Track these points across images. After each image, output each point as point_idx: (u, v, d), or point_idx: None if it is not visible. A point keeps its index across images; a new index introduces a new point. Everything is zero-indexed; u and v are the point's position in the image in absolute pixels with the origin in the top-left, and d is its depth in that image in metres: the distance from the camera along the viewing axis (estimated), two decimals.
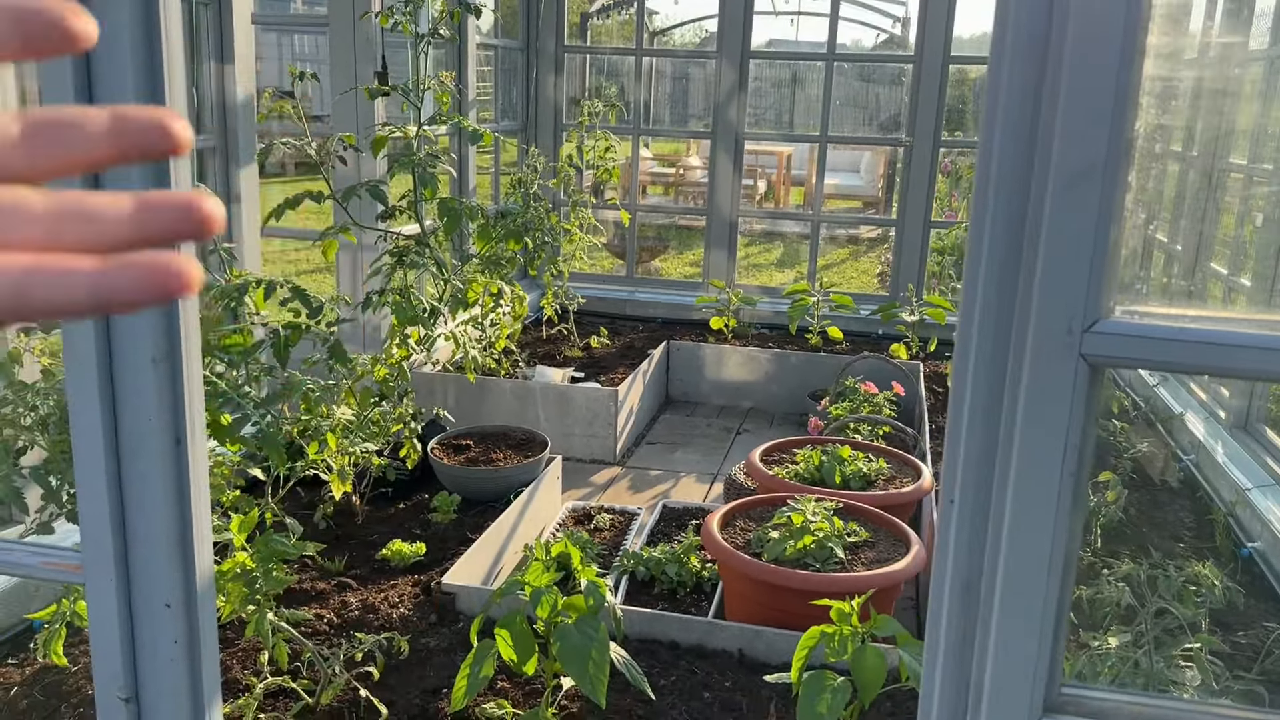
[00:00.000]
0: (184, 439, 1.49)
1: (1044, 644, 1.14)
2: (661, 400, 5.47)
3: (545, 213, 4.89)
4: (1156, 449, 4.20)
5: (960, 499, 1.14)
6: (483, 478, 3.59)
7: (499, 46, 5.88)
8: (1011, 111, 1.03)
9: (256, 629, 1.94)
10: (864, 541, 2.88)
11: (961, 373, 1.09)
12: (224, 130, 3.54)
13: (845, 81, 14.26)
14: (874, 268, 9.95)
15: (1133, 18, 0.98)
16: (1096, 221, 1.01)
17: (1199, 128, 5.15)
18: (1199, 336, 1.02)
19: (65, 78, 1.29)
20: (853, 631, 1.93)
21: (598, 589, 2.09)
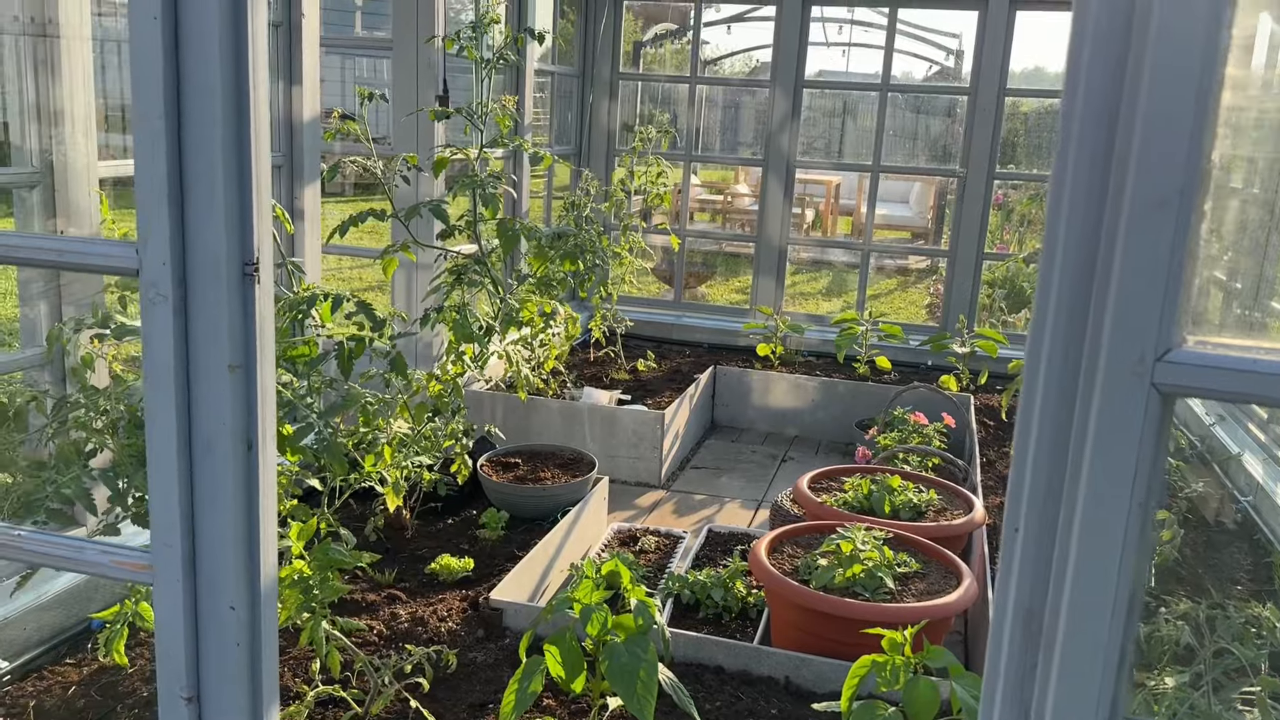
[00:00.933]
0: (255, 444, 1.52)
1: (1107, 677, 1.13)
2: (707, 425, 5.47)
3: (597, 236, 4.93)
4: (1213, 489, 4.12)
5: (1025, 527, 1.14)
6: (530, 496, 3.61)
7: (555, 73, 5.96)
8: (1086, 137, 1.03)
9: (311, 636, 1.97)
10: (914, 573, 2.85)
11: (1030, 399, 1.09)
12: (290, 148, 3.62)
13: (897, 112, 14.25)
14: (922, 299, 9.89)
15: (1212, 44, 0.99)
16: (1171, 250, 1.01)
17: (1259, 162, 5.08)
18: (1270, 368, 1.02)
19: (157, 86, 1.33)
20: (905, 662, 1.92)
21: (647, 609, 2.09)
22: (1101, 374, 1.05)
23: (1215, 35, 0.99)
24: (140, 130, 1.33)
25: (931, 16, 12.41)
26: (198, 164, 1.39)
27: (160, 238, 1.39)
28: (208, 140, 1.38)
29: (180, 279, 1.43)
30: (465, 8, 3.48)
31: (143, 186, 1.37)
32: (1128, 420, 1.05)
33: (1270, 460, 4.24)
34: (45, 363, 2.78)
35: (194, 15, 1.34)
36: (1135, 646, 2.18)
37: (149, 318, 1.43)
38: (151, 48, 1.33)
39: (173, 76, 1.37)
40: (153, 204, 1.38)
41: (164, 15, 1.32)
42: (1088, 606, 1.11)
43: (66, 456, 2.10)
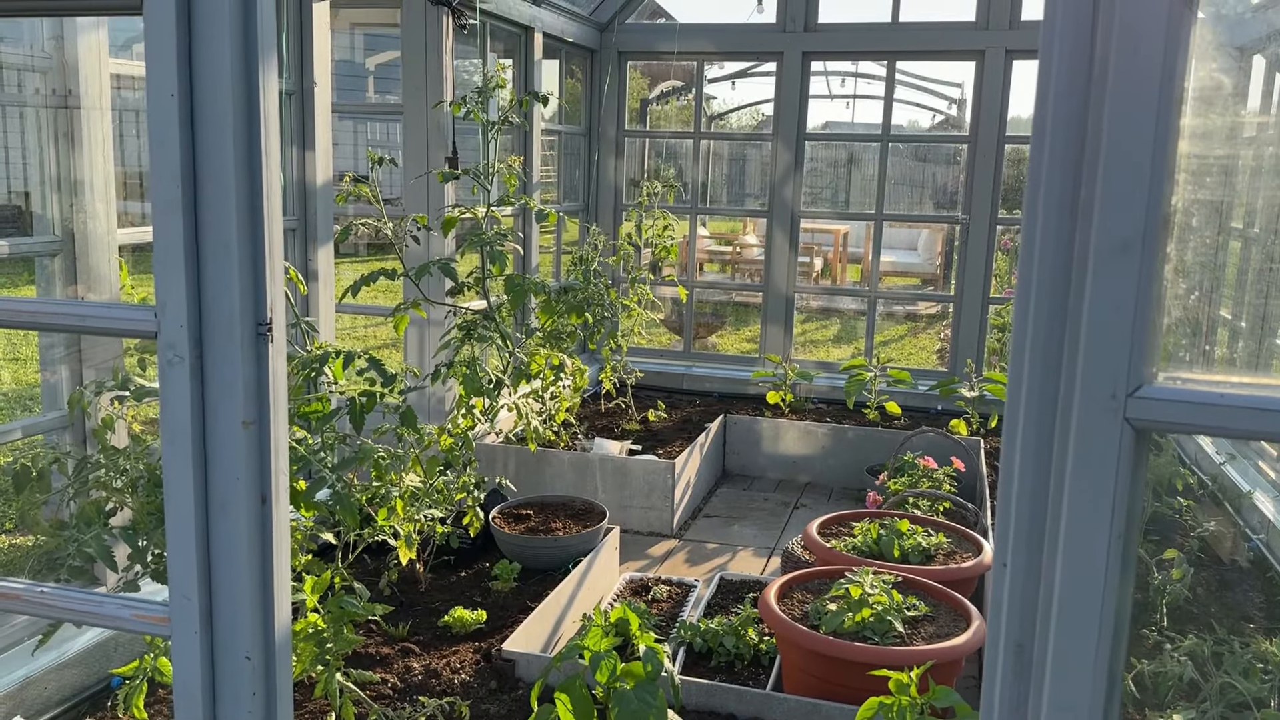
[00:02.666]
0: (270, 498, 1.58)
1: (1096, 707, 1.15)
2: (718, 474, 5.49)
3: (605, 289, 5.01)
4: (1225, 528, 4.11)
5: (1012, 562, 1.17)
6: (542, 547, 3.64)
7: (563, 131, 6.09)
8: (1053, 187, 1.09)
9: (325, 688, 2.01)
10: (924, 616, 2.86)
11: (1011, 438, 1.13)
12: (304, 212, 3.72)
13: (901, 161, 14.40)
14: (933, 344, 9.92)
15: (1166, 98, 1.04)
16: (1137, 291, 1.06)
17: (1260, 204, 5.14)
18: (1238, 401, 1.05)
19: (174, 157, 1.41)
20: (911, 703, 1.93)
21: (656, 655, 2.12)
22: (1076, 412, 1.09)
23: (1169, 88, 1.05)
24: (158, 199, 1.40)
25: (933, 67, 12.59)
26: (213, 230, 1.46)
27: (177, 301, 1.45)
28: (222, 208, 1.45)
29: (196, 340, 1.49)
30: (475, 72, 3.59)
31: (160, 253, 1.44)
32: (1103, 455, 1.09)
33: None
34: (67, 425, 2.85)
35: (209, 90, 1.42)
36: (1134, 688, 2.18)
37: (167, 378, 1.50)
38: (169, 122, 1.40)
39: (189, 148, 1.44)
40: (170, 269, 1.45)
41: (180, 91, 1.40)
42: (1073, 638, 1.14)
43: (87, 516, 2.16)
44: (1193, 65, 3.49)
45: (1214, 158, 5.13)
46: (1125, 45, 1.05)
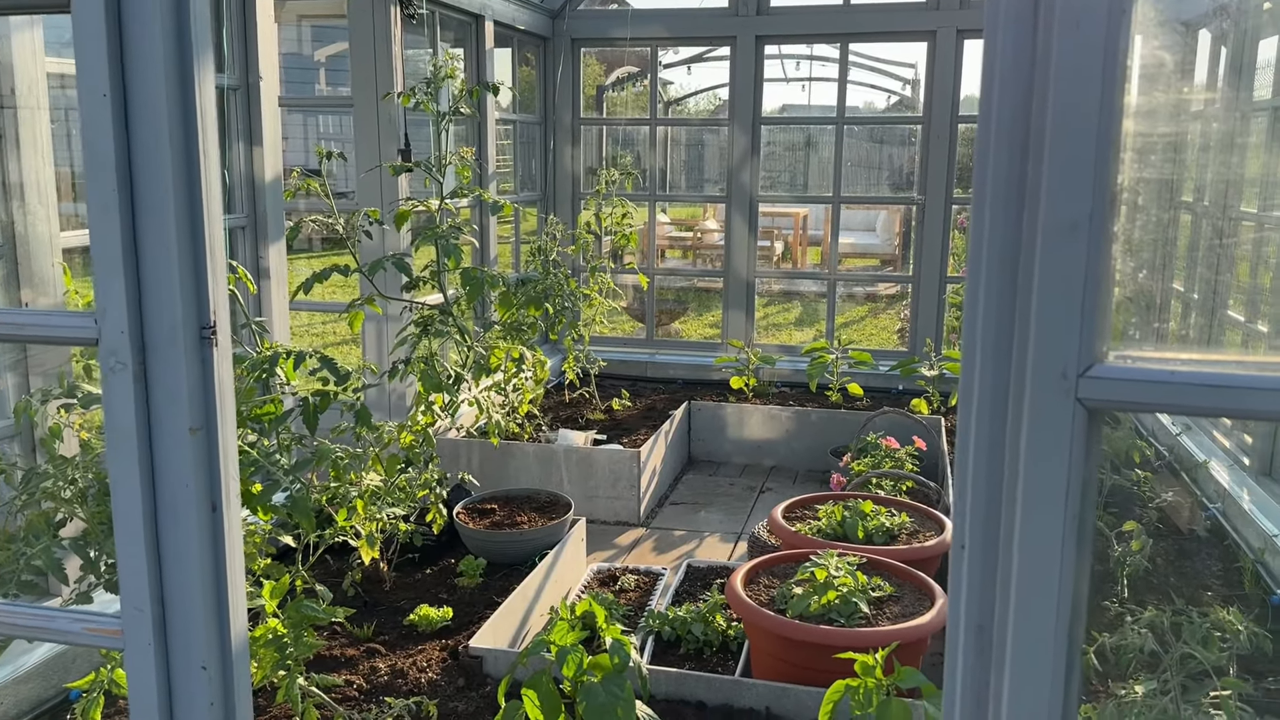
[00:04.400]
0: (220, 506, 1.54)
1: (1057, 685, 1.16)
2: (684, 461, 5.49)
3: (565, 279, 4.98)
4: (1182, 498, 4.18)
5: (970, 543, 1.17)
6: (507, 541, 3.62)
7: (517, 121, 6.04)
8: (1000, 168, 1.08)
9: (287, 693, 1.98)
10: (889, 596, 2.88)
11: (965, 420, 1.13)
12: (253, 209, 3.66)
13: (857, 143, 14.46)
14: (894, 324, 9.99)
15: (1109, 75, 1.04)
16: (1085, 271, 1.06)
17: (1209, 179, 5.21)
18: (1188, 379, 1.06)
19: (108, 159, 1.37)
20: (877, 685, 1.94)
21: (623, 647, 2.11)
22: (1029, 392, 1.09)
23: (1112, 65, 1.04)
24: (93, 202, 1.37)
25: (887, 49, 12.64)
26: (151, 233, 1.42)
27: (117, 307, 1.42)
28: (160, 209, 1.41)
29: (139, 346, 1.46)
30: (428, 62, 3.55)
31: (98, 257, 1.40)
32: (1056, 435, 1.08)
33: (1236, 467, 4.31)
34: (14, 434, 2.78)
35: (142, 89, 1.38)
36: (1096, 661, 2.20)
37: (109, 386, 1.46)
38: (101, 123, 1.36)
39: (124, 149, 1.40)
40: (108, 274, 1.41)
41: (113, 91, 1.36)
42: (1032, 617, 1.14)
43: (36, 528, 2.11)
44: (1139, 42, 3.59)
45: (1159, 135, 5.19)
46: (1067, 22, 1.05)
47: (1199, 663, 2.06)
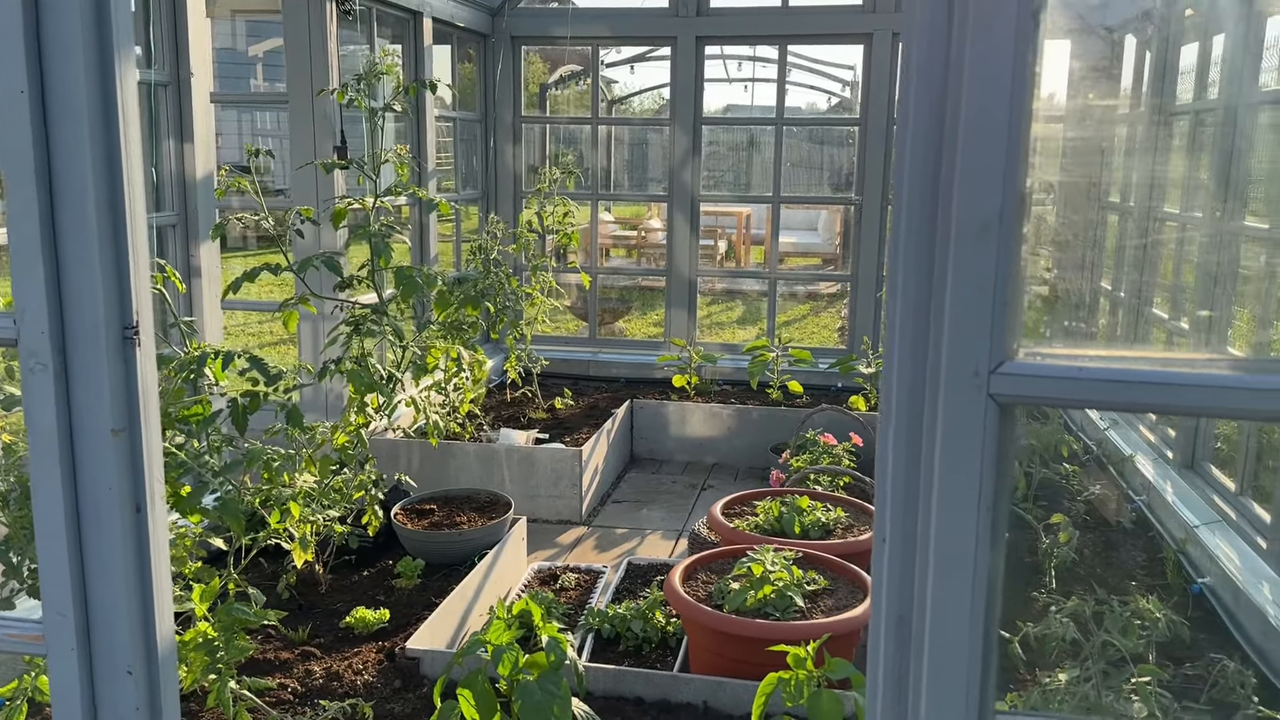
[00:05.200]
0: (144, 507, 1.52)
1: (973, 673, 1.18)
2: (626, 459, 5.51)
3: (506, 278, 4.97)
4: (1109, 491, 4.30)
5: (890, 536, 1.20)
6: (446, 541, 3.60)
7: (457, 118, 6.01)
8: (916, 169, 1.11)
9: (218, 698, 1.95)
10: (823, 589, 2.92)
11: (886, 416, 1.15)
12: (184, 206, 3.60)
13: (799, 144, 14.61)
14: (834, 323, 10.12)
15: (1019, 79, 1.07)
16: (996, 270, 1.09)
17: (1135, 181, 5.36)
18: (1094, 374, 1.09)
19: (26, 157, 1.35)
20: (808, 676, 1.98)
21: (559, 645, 2.12)
22: (944, 388, 1.12)
23: (1022, 70, 1.07)
24: (12, 200, 1.34)
25: (827, 51, 12.78)
26: (71, 231, 1.40)
27: (37, 306, 1.40)
28: (80, 207, 1.39)
29: (59, 346, 1.44)
30: (366, 59, 3.52)
31: (17, 256, 1.37)
32: (970, 430, 1.11)
33: (1160, 460, 4.45)
34: None
35: (61, 86, 1.37)
36: (1021, 650, 2.26)
37: (30, 387, 1.43)
38: (19, 120, 1.34)
39: (42, 146, 1.38)
40: (28, 273, 1.39)
41: (30, 88, 1.34)
42: (949, 607, 1.17)
43: None
44: (1068, 46, 3.63)
45: (1085, 138, 5.33)
46: (979, 28, 1.07)
47: (1118, 650, 2.13)
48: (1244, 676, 2.54)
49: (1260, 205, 4.01)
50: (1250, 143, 4.06)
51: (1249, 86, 4.02)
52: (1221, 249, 4.09)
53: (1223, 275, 4.09)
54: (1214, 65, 4.43)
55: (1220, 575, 3.41)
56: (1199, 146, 4.52)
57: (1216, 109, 4.17)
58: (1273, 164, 3.90)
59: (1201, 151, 4.48)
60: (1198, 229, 4.37)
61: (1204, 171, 4.38)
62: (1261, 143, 4.05)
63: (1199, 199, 4.50)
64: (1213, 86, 4.41)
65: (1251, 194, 4.08)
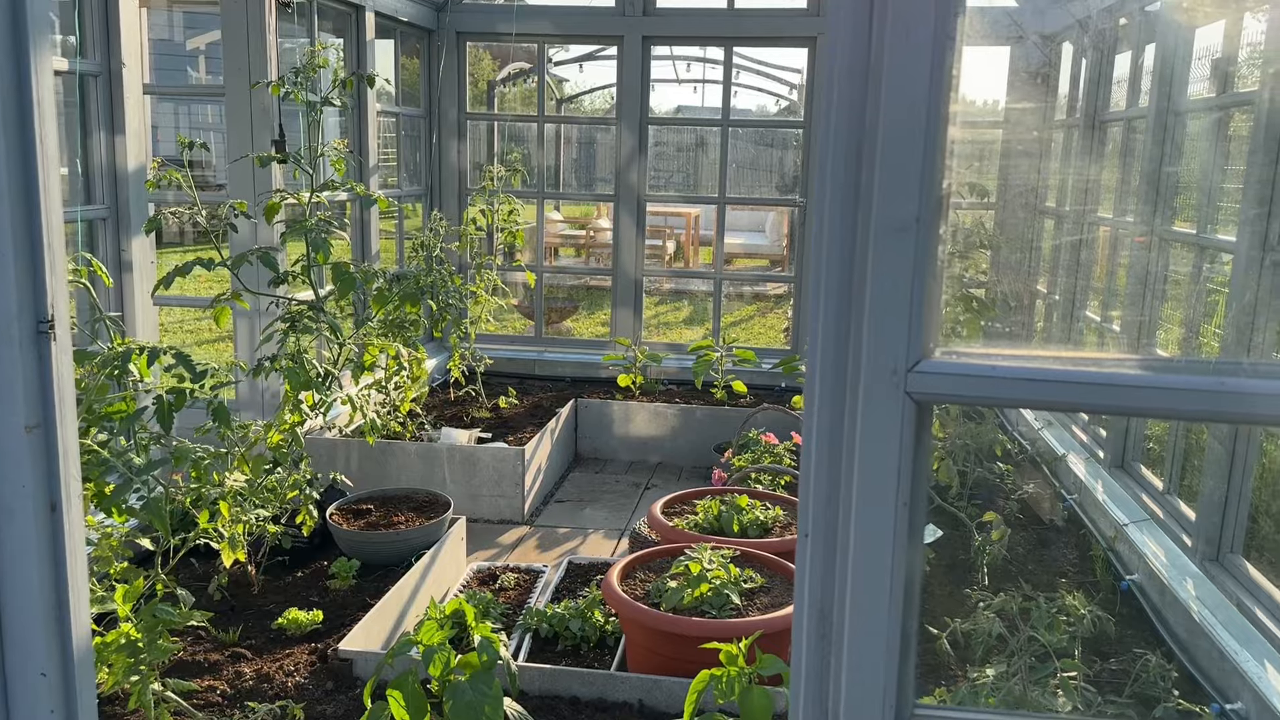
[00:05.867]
0: (60, 506, 1.49)
1: (891, 665, 1.20)
2: (570, 458, 5.50)
3: (449, 275, 4.93)
4: (1042, 490, 4.39)
5: (813, 531, 1.21)
6: (383, 542, 3.57)
7: (401, 114, 5.95)
8: (837, 171, 1.12)
9: (139, 700, 1.91)
10: (760, 587, 2.95)
11: (809, 413, 1.16)
12: (115, 200, 3.52)
13: (746, 145, 14.70)
14: (780, 323, 10.19)
15: (937, 84, 1.08)
16: (913, 271, 1.10)
17: (1070, 185, 5.48)
18: (1006, 373, 1.11)
19: None
20: (740, 672, 1.99)
21: (491, 644, 2.11)
22: (863, 386, 1.13)
23: (939, 75, 1.09)
24: None
25: (776, 53, 12.87)
26: None
27: None
28: None
29: None
30: (306, 51, 3.47)
31: None
32: (887, 427, 1.13)
33: (1092, 460, 4.55)
34: None
35: None
36: (949, 646, 2.29)
37: None
38: None
39: None
40: None
41: None
42: (866, 602, 1.18)
43: None
44: (1009, 52, 3.71)
45: (1023, 144, 5.43)
46: (898, 32, 1.09)
47: (1044, 645, 2.18)
48: (1165, 670, 2.60)
49: (1190, 211, 4.12)
50: (1180, 150, 4.17)
51: (1179, 95, 4.13)
52: (1151, 253, 4.19)
53: (1152, 279, 4.19)
54: (1146, 74, 4.54)
55: (1148, 572, 3.49)
56: (1130, 153, 4.63)
57: (1147, 116, 4.28)
58: (1201, 171, 4.01)
59: (1132, 158, 4.59)
60: (1129, 233, 4.48)
61: (1135, 177, 4.49)
62: (1190, 150, 4.16)
63: (1130, 204, 4.61)
64: (1145, 94, 4.52)
65: (1181, 201, 4.19)
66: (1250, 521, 3.31)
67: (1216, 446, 3.37)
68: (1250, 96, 3.52)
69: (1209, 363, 1.19)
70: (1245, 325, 3.30)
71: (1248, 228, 3.30)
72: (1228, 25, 3.77)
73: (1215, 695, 2.83)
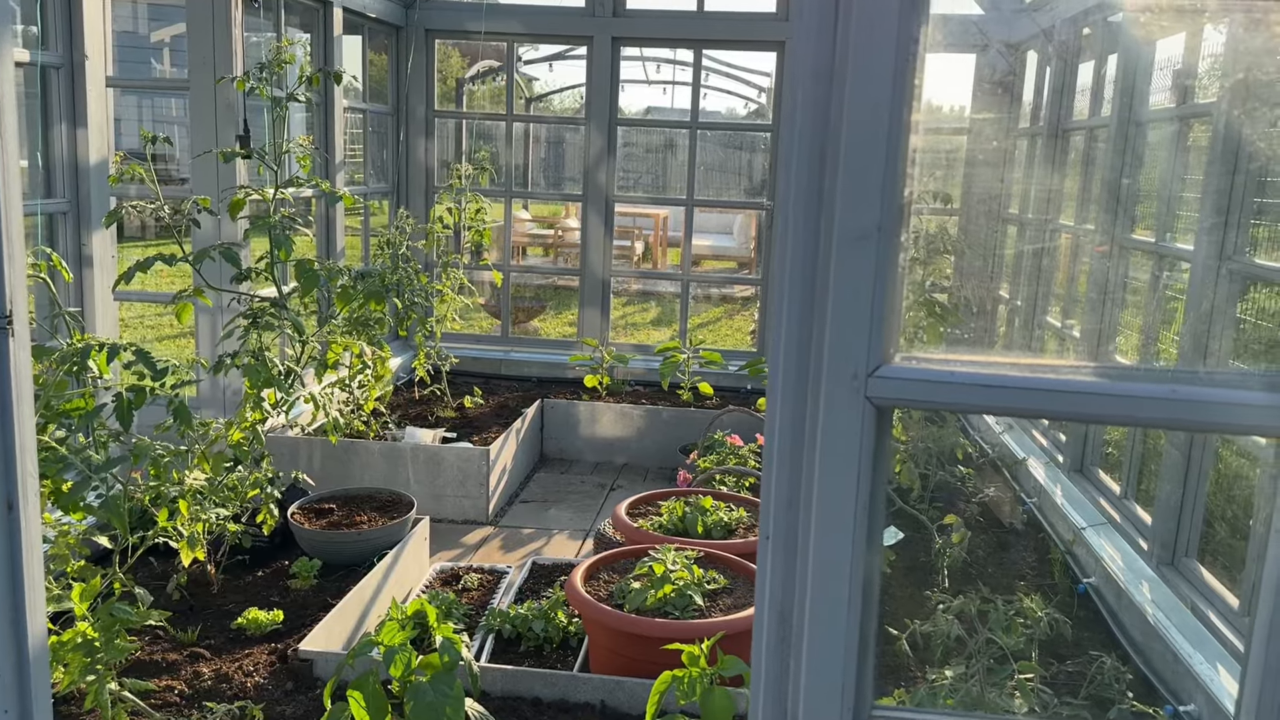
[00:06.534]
0: (16, 504, 1.47)
1: (850, 666, 1.21)
2: (536, 458, 5.49)
3: (415, 274, 4.91)
4: (1003, 493, 4.44)
5: (774, 533, 1.22)
6: (345, 541, 3.54)
7: (369, 111, 5.91)
8: (801, 178, 1.13)
9: (96, 699, 1.89)
10: (723, 588, 2.96)
11: (771, 417, 1.17)
12: (76, 194, 3.47)
13: (715, 148, 14.74)
14: (747, 325, 10.23)
15: (899, 95, 1.09)
16: (875, 278, 1.12)
17: (1033, 193, 5.55)
18: (964, 379, 1.13)
19: None
20: (701, 674, 2.00)
21: (453, 645, 2.10)
22: (824, 390, 1.14)
23: (901, 86, 1.10)
24: None
25: (746, 57, 12.92)
26: None
27: None
28: None
29: None
30: (273, 46, 3.44)
31: None
32: (848, 431, 1.14)
33: (1051, 464, 4.61)
34: None
35: None
36: (909, 648, 2.31)
37: None
38: None
39: None
40: None
41: None
42: (826, 603, 1.19)
43: None
44: (974, 60, 3.75)
45: (987, 151, 5.49)
46: (860, 42, 1.10)
47: (1001, 647, 2.21)
48: (1120, 672, 2.65)
49: (1150, 220, 4.19)
50: (1140, 159, 4.24)
51: (1140, 105, 4.20)
52: (1111, 260, 4.26)
53: (1112, 286, 4.26)
54: (1108, 83, 4.61)
55: (1104, 575, 3.55)
56: (1092, 162, 4.70)
57: (1109, 126, 4.35)
58: (1161, 180, 4.08)
59: (1094, 167, 4.66)
60: (1090, 241, 4.55)
61: (1097, 186, 4.56)
62: (1150, 160, 4.23)
63: (1091, 212, 4.68)
64: (1107, 104, 4.59)
65: (1141, 209, 4.26)
66: (1205, 526, 3.37)
67: (1173, 452, 3.43)
68: (1209, 108, 3.58)
69: (1163, 371, 1.22)
70: (1202, 333, 3.36)
71: (1205, 237, 3.36)
72: (1188, 38, 3.84)
73: (1169, 697, 2.88)
